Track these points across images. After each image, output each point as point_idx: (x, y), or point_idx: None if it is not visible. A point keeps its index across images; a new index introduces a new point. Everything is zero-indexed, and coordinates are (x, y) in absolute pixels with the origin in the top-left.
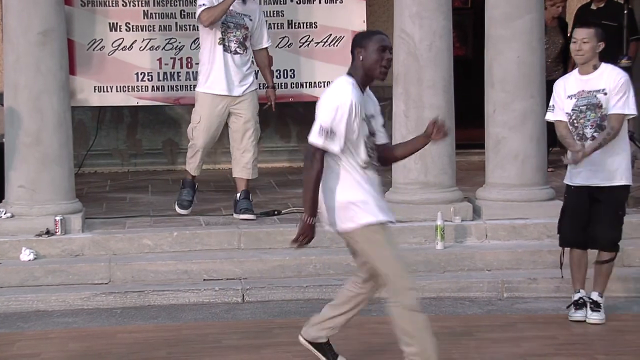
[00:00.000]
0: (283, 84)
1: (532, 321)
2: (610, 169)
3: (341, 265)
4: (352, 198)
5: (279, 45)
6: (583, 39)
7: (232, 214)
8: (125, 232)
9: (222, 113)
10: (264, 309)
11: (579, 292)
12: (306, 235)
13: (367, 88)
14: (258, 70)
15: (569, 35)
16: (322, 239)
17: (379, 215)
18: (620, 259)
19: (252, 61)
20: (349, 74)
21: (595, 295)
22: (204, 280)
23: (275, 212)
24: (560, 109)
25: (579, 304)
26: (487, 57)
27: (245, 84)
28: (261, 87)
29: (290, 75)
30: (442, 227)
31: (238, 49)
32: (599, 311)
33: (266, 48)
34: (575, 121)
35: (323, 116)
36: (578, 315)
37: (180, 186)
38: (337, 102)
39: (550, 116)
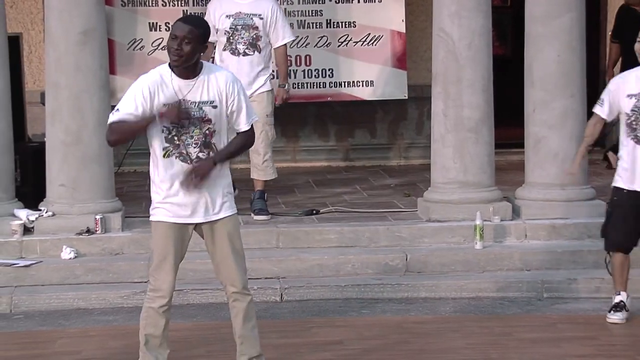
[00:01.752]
0: (321, 84)
1: (572, 322)
2: None
3: (380, 264)
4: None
5: (318, 45)
6: None
7: (250, 214)
8: None
9: None
10: (302, 308)
11: (619, 294)
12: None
13: (206, 73)
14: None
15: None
16: (360, 238)
17: None
18: None
19: (262, 62)
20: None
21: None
22: None
23: (314, 212)
24: (609, 107)
25: (619, 307)
26: (526, 55)
27: (255, 85)
28: (298, 86)
29: (329, 75)
30: (481, 227)
31: (247, 51)
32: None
33: (285, 45)
34: (634, 123)
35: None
36: (615, 317)
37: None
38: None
39: (598, 110)
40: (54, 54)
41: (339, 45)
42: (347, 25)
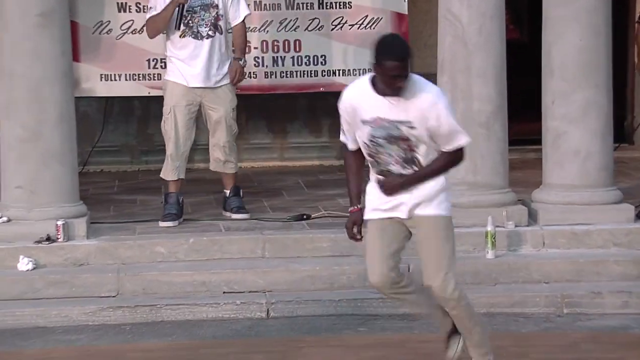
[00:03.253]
0: (313, 72)
1: (596, 341)
2: None
3: None
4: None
5: (308, 28)
6: None
7: (224, 213)
8: (135, 239)
9: (192, 108)
10: (292, 326)
11: None
12: None
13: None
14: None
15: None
16: (356, 247)
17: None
18: None
19: (226, 48)
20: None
21: None
22: (224, 293)
23: (305, 217)
24: None
25: None
26: (544, 41)
27: (222, 73)
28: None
29: (321, 62)
30: (493, 234)
31: (210, 33)
32: None
33: (243, 21)
34: None
35: None
36: None
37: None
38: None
39: None
40: (8, 39)
41: (332, 29)
42: (341, 6)
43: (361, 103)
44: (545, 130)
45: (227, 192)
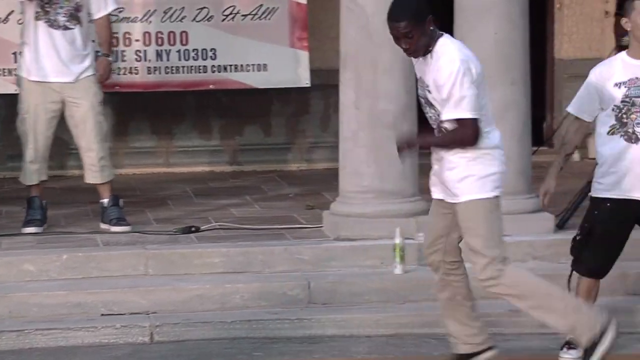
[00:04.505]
0: (202, 67)
1: None
2: None
3: (276, 295)
4: None
5: (196, 19)
6: None
7: (101, 225)
8: (0, 255)
9: (51, 105)
10: (178, 351)
11: None
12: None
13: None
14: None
15: None
16: (251, 262)
17: None
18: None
19: (92, 39)
20: None
21: None
22: (102, 315)
23: (193, 229)
24: (589, 102)
25: (573, 344)
26: (456, 33)
27: (82, 66)
28: (172, 71)
29: (211, 57)
30: (401, 247)
31: (68, 24)
32: None
33: (107, 15)
34: (624, 116)
35: None
36: (568, 355)
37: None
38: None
39: (571, 108)
40: None
41: (223, 20)
42: None
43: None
44: None
45: (105, 201)
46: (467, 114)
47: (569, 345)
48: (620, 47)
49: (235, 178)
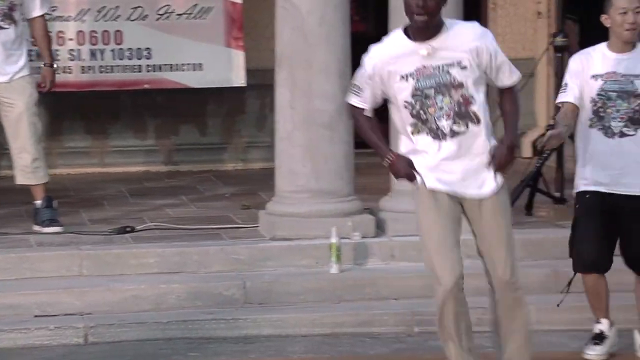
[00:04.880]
0: (136, 67)
1: None
2: None
3: (212, 295)
4: None
5: (131, 18)
6: (636, 8)
7: (34, 227)
8: None
9: None
10: (113, 352)
11: (599, 322)
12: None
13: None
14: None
15: None
16: (187, 263)
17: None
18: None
19: (26, 39)
20: None
21: None
22: (36, 316)
23: (128, 229)
24: (573, 90)
25: (599, 338)
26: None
27: (16, 66)
28: (107, 71)
29: (146, 56)
30: (337, 246)
31: (2, 23)
32: None
33: (42, 16)
34: (601, 110)
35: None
36: (594, 352)
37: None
38: None
39: (565, 97)
40: None
41: (158, 19)
42: None
43: (398, 56)
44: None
45: (38, 203)
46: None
47: (595, 339)
48: (555, 48)
49: (171, 178)
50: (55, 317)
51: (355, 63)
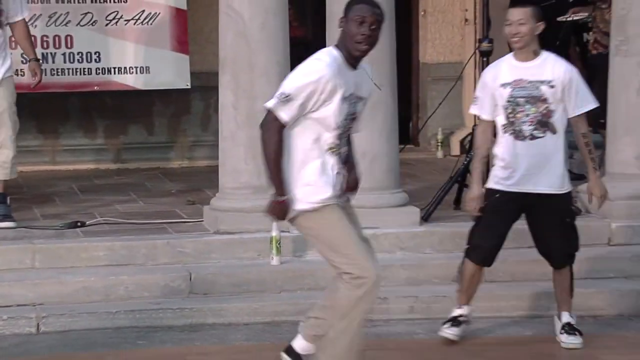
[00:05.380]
0: (86, 70)
1: (382, 347)
2: (556, 172)
3: (158, 286)
4: None
5: (81, 23)
6: (519, 21)
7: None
8: None
9: None
10: (64, 341)
11: (460, 307)
12: (275, 214)
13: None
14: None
15: None
16: (135, 255)
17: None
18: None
19: (6, 42)
20: (336, 45)
21: (567, 317)
22: None
23: (79, 224)
24: (484, 102)
25: (457, 321)
26: (329, 38)
27: (4, 67)
28: (58, 73)
29: (96, 59)
30: (278, 239)
31: None
32: (575, 334)
33: (24, 19)
34: (511, 115)
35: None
36: (451, 331)
37: None
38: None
39: (476, 110)
40: None
41: (107, 24)
42: (116, 0)
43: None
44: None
45: None
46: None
47: (453, 321)
48: (481, 53)
49: (120, 175)
50: (8, 308)
51: (294, 66)
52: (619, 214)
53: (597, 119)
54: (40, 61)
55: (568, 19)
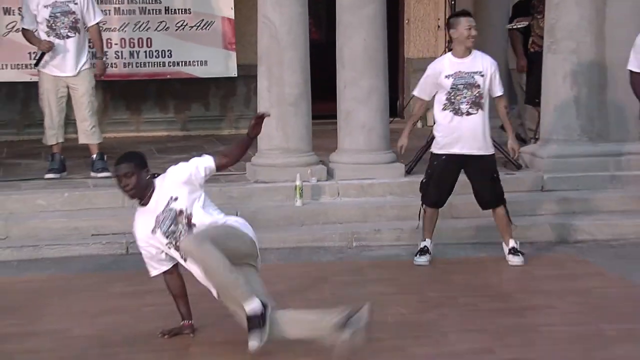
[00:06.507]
0: (161, 63)
1: (377, 266)
2: (486, 140)
3: None
4: None
5: (157, 29)
6: (475, 26)
7: (91, 173)
8: (20, 194)
9: (61, 89)
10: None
11: (425, 240)
12: None
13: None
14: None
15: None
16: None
17: None
18: (448, 212)
19: (85, 42)
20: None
21: (512, 242)
22: (92, 235)
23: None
24: (429, 88)
25: (423, 251)
26: (338, 40)
27: (80, 63)
28: (140, 66)
29: (168, 55)
30: (300, 187)
31: (70, 33)
32: (519, 255)
33: (97, 23)
34: (452, 97)
35: None
36: (422, 260)
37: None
38: None
39: (416, 92)
40: None
41: (176, 30)
42: (183, 12)
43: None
44: (339, 108)
45: (94, 156)
46: None
47: (421, 252)
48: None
49: (185, 140)
50: (105, 236)
51: (313, 61)
52: (548, 168)
53: (535, 98)
54: (105, 59)
55: (514, 26)
